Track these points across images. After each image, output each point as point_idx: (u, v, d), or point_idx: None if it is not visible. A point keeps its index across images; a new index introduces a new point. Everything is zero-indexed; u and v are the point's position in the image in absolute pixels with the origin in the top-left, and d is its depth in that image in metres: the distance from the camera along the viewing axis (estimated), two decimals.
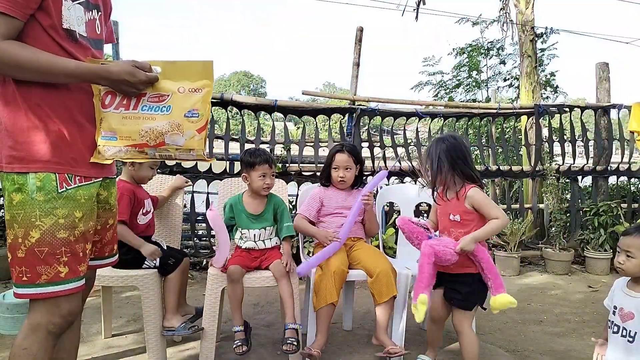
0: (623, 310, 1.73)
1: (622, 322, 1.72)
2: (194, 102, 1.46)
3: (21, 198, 1.30)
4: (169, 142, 1.45)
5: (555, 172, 4.69)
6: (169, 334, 2.25)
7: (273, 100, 4.17)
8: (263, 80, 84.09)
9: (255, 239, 2.38)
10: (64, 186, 1.34)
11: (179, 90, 1.46)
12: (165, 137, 1.45)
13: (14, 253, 1.32)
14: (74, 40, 1.37)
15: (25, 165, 1.30)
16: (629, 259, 1.71)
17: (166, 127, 1.44)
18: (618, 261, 1.75)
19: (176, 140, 1.45)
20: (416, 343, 2.65)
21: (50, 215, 1.32)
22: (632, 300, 1.72)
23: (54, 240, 1.33)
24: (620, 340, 1.71)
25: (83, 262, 1.41)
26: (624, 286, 1.79)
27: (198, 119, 1.46)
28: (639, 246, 1.69)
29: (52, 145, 1.32)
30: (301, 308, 2.41)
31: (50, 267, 1.33)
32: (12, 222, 1.31)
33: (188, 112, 1.45)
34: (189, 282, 3.78)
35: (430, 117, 4.60)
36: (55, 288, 1.34)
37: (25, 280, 1.32)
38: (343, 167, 2.62)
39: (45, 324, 1.35)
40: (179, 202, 2.83)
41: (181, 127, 1.44)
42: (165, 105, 1.45)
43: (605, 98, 4.99)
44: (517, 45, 6.15)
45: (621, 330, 1.72)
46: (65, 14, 1.33)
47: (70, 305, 1.39)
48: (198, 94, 1.47)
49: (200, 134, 1.46)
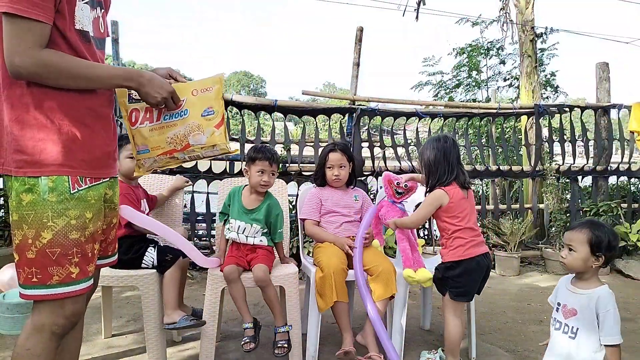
0: (566, 307, 1.73)
1: (564, 319, 1.72)
2: (207, 101, 1.57)
3: (32, 199, 1.28)
4: (193, 143, 1.56)
5: (555, 172, 4.69)
6: (171, 327, 2.23)
7: (273, 100, 4.17)
8: (263, 80, 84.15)
9: (238, 231, 2.37)
10: (76, 187, 1.33)
11: (193, 93, 1.57)
12: (189, 139, 1.56)
13: (22, 254, 1.30)
14: (87, 41, 1.37)
15: (38, 170, 1.28)
16: (571, 253, 1.71)
17: (187, 130, 1.55)
18: (561, 255, 1.75)
19: (199, 139, 1.56)
20: (416, 342, 2.65)
21: (62, 216, 1.31)
22: (575, 297, 1.72)
23: (66, 241, 1.32)
24: (562, 336, 1.72)
25: (92, 262, 1.41)
26: (568, 283, 1.79)
27: (214, 115, 1.56)
28: (580, 240, 1.69)
29: (63, 148, 1.31)
30: (301, 308, 2.41)
31: (63, 267, 1.32)
32: (21, 222, 1.29)
33: (204, 111, 1.56)
34: (189, 282, 3.78)
35: (430, 117, 4.60)
36: (67, 289, 1.33)
37: (35, 281, 1.30)
38: (337, 166, 2.65)
39: (50, 325, 1.34)
40: (179, 202, 2.83)
41: (201, 127, 1.55)
42: (182, 110, 1.55)
43: (605, 98, 4.99)
44: (517, 45, 6.16)
45: (563, 326, 1.72)
46: (78, 15, 1.33)
47: (74, 306, 1.38)
48: (210, 92, 1.58)
49: (219, 130, 1.56)
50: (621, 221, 4.56)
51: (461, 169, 2.25)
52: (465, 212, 2.20)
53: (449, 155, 2.22)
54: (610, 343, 1.63)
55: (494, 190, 5.28)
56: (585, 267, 1.70)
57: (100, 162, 1.43)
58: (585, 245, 1.68)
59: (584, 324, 1.67)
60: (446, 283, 2.20)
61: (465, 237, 2.16)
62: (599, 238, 1.66)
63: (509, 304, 3.46)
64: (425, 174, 2.28)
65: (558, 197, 4.67)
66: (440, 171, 2.21)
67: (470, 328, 2.51)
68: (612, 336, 1.63)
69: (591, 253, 1.68)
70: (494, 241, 4.45)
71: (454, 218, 2.19)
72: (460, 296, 2.19)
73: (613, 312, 1.64)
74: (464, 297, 2.20)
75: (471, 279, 2.17)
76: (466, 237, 2.16)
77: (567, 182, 4.88)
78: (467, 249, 2.15)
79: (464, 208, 2.19)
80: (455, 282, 2.16)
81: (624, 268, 4.34)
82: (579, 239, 1.69)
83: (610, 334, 1.63)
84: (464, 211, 2.19)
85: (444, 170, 2.21)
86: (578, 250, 1.69)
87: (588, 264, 1.69)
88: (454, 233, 2.18)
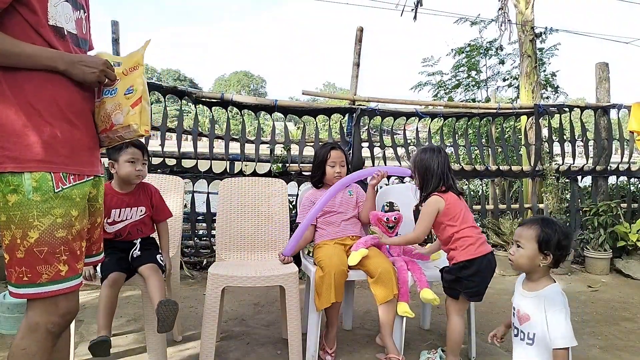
0: (519, 311, 1.64)
1: (520, 325, 1.63)
2: (131, 80, 1.51)
3: (17, 199, 1.30)
4: (115, 123, 1.48)
5: (555, 172, 4.70)
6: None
7: (273, 100, 4.17)
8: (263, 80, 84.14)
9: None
10: (60, 186, 1.35)
11: (123, 72, 1.52)
12: (112, 119, 1.48)
13: (12, 254, 1.32)
14: (61, 36, 1.39)
15: (19, 165, 1.29)
16: (518, 250, 1.63)
17: (112, 108, 1.49)
18: (509, 252, 1.68)
19: (118, 119, 1.48)
20: (416, 342, 2.66)
21: (48, 215, 1.33)
22: (526, 300, 1.62)
23: (52, 240, 1.33)
24: (520, 344, 1.63)
25: (80, 260, 1.43)
26: (519, 286, 1.69)
27: (132, 94, 1.49)
28: (528, 237, 1.60)
29: (45, 143, 1.32)
30: (301, 308, 2.41)
31: (51, 266, 1.34)
32: (9, 223, 1.31)
33: (127, 90, 1.50)
34: (189, 281, 3.79)
35: (430, 117, 4.60)
36: (57, 286, 1.35)
37: (26, 280, 1.33)
38: (339, 163, 2.67)
39: (45, 324, 1.35)
40: (179, 202, 2.83)
41: (121, 105, 1.48)
42: (113, 89, 1.51)
43: (605, 98, 4.99)
44: (517, 45, 6.16)
45: (520, 332, 1.63)
46: (51, 11, 1.35)
47: (68, 304, 1.40)
48: (136, 71, 1.53)
49: (134, 109, 1.47)
50: (621, 221, 4.56)
51: (453, 178, 2.33)
52: (462, 211, 2.23)
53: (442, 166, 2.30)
54: (562, 345, 1.49)
55: (494, 190, 5.29)
56: (532, 266, 1.61)
57: (82, 158, 1.44)
58: (533, 242, 1.59)
59: (538, 328, 1.56)
60: (460, 284, 2.18)
61: (472, 235, 2.19)
62: (547, 235, 1.57)
63: (509, 304, 3.44)
64: (418, 185, 2.36)
65: (558, 197, 4.68)
66: (434, 183, 2.28)
67: (470, 328, 2.51)
68: (562, 338, 1.49)
69: (539, 250, 1.59)
70: (494, 241, 4.45)
71: (455, 219, 2.20)
72: (475, 296, 2.20)
73: (563, 311, 1.52)
74: (478, 296, 2.21)
75: (484, 277, 2.19)
76: (473, 235, 2.19)
77: (566, 182, 4.88)
78: (478, 247, 2.17)
79: (460, 208, 2.24)
80: (471, 281, 2.15)
81: (624, 268, 4.34)
82: (528, 235, 1.61)
83: (562, 335, 1.49)
84: (461, 211, 2.23)
85: (438, 182, 2.28)
86: (525, 247, 1.60)
87: (535, 263, 1.60)
88: (458, 233, 2.19)
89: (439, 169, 2.28)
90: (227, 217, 2.76)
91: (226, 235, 2.73)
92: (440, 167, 2.28)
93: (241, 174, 4.04)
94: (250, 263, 2.64)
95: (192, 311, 3.12)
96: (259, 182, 2.92)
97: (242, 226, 2.78)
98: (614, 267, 4.44)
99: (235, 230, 2.76)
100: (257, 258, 2.74)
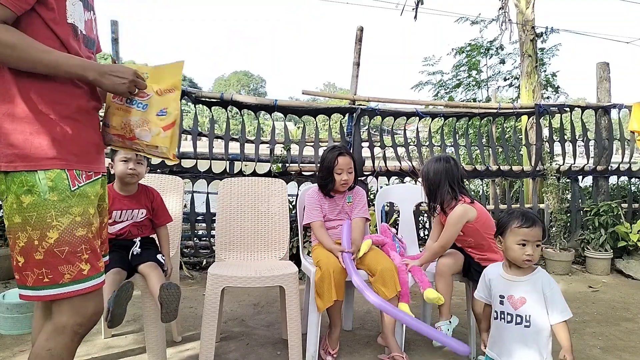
0: (513, 297, 1.73)
1: (514, 310, 1.72)
2: (166, 102, 1.52)
3: (32, 200, 1.27)
4: (138, 137, 1.51)
5: (556, 172, 4.69)
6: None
7: (273, 100, 4.17)
8: (263, 80, 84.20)
9: None
10: (76, 184, 1.34)
11: (157, 92, 1.52)
12: (135, 132, 1.51)
13: (29, 256, 1.29)
14: (76, 35, 1.37)
15: (30, 164, 1.27)
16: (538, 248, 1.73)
17: (139, 122, 1.50)
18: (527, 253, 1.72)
19: (144, 135, 1.51)
20: (416, 342, 2.65)
21: (66, 214, 1.30)
22: (519, 285, 1.73)
23: (73, 239, 1.31)
24: (516, 328, 1.71)
25: (100, 258, 1.41)
26: (501, 274, 1.80)
27: (166, 117, 1.50)
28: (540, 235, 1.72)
29: (55, 141, 1.30)
30: (301, 308, 2.41)
31: (73, 265, 1.31)
32: (24, 225, 1.28)
33: (160, 111, 1.51)
34: (189, 282, 3.79)
35: (431, 117, 4.59)
36: (80, 286, 1.33)
37: (47, 281, 1.29)
38: (346, 170, 2.57)
39: (72, 325, 1.33)
40: (178, 202, 2.82)
41: (150, 123, 1.50)
42: (144, 104, 1.51)
43: (605, 98, 4.99)
44: (517, 44, 6.15)
45: (515, 317, 1.71)
46: (69, 9, 1.33)
47: (95, 304, 1.38)
48: (171, 94, 1.53)
49: (166, 132, 1.50)
50: (621, 221, 4.56)
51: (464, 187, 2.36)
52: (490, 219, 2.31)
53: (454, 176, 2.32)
54: (563, 319, 1.66)
55: (495, 190, 5.28)
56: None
57: (91, 156, 1.43)
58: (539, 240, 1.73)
59: (535, 309, 1.69)
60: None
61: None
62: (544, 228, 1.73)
63: None
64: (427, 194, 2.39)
65: (558, 197, 4.67)
66: (443, 193, 2.30)
67: (470, 328, 2.51)
68: (563, 312, 1.66)
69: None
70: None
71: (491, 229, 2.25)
72: None
73: (557, 288, 1.70)
74: None
75: None
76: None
77: (567, 182, 4.88)
78: None
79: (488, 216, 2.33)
80: None
81: (624, 268, 4.33)
82: (540, 234, 1.73)
83: (561, 310, 1.66)
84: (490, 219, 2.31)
85: (447, 191, 2.30)
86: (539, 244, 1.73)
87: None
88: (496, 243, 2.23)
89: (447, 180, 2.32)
90: (226, 217, 2.76)
91: (226, 236, 2.73)
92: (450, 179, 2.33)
93: (241, 174, 4.04)
94: (250, 263, 2.64)
95: (191, 311, 3.12)
96: (259, 182, 2.91)
97: (242, 226, 2.77)
98: (615, 267, 4.44)
99: (234, 231, 2.75)
100: (256, 258, 2.74)
